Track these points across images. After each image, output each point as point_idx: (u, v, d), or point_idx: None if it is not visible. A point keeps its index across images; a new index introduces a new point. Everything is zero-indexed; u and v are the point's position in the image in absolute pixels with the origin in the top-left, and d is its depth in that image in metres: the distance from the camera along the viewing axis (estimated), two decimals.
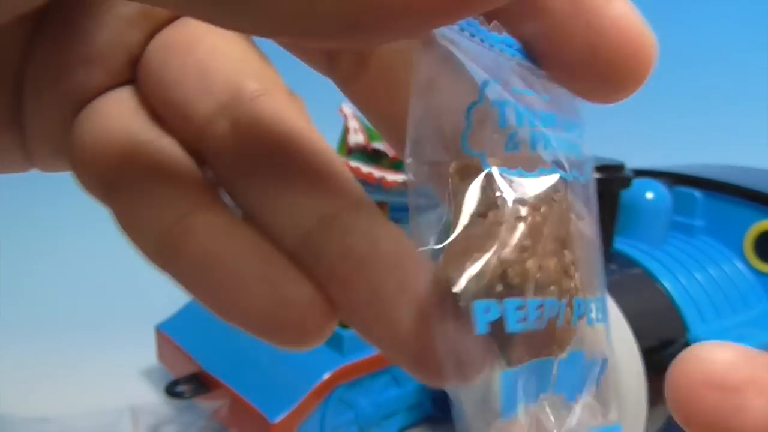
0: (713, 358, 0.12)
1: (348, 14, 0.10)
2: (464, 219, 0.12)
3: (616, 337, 0.27)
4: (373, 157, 0.41)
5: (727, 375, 0.12)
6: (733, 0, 0.98)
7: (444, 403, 0.40)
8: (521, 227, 0.12)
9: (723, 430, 0.12)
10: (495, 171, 0.12)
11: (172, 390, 0.37)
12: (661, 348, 0.29)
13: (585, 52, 0.12)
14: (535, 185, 0.13)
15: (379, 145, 0.41)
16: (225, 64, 0.14)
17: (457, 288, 0.11)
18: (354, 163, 0.38)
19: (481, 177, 0.12)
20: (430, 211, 0.12)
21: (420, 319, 0.12)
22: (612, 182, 0.30)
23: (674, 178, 0.38)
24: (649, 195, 0.34)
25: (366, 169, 0.37)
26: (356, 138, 0.44)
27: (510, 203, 0.12)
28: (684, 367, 0.12)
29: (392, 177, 0.37)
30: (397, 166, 0.40)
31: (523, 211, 0.12)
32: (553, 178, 0.13)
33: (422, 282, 0.12)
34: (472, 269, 0.11)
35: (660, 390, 0.31)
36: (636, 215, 0.34)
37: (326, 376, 0.33)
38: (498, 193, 0.12)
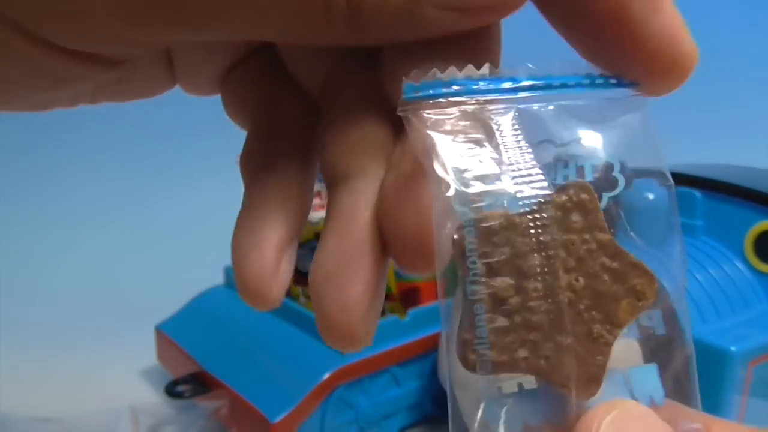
0: None
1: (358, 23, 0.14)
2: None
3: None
4: None
5: None
6: (734, 0, 0.97)
7: (444, 403, 0.40)
8: None
9: None
10: None
11: (172, 390, 0.37)
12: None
13: (628, 59, 0.16)
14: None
15: None
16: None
17: None
18: None
19: None
20: None
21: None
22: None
23: (674, 178, 0.38)
24: (650, 195, 0.34)
25: None
26: None
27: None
28: None
29: None
30: None
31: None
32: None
33: None
34: None
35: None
36: (636, 215, 0.34)
37: (326, 376, 0.33)
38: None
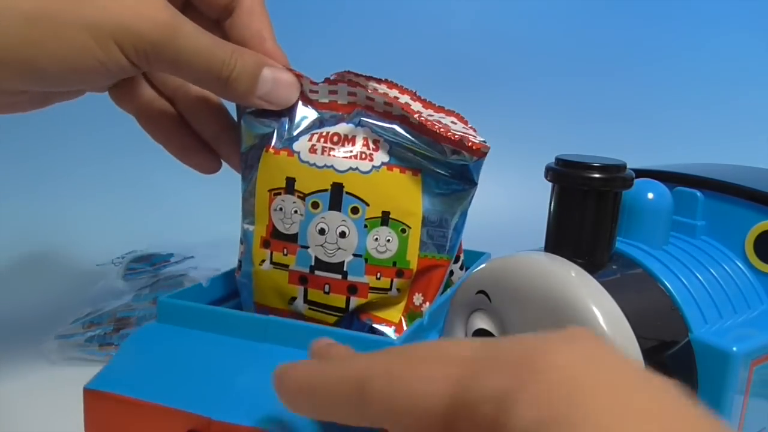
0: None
1: None
2: None
3: (616, 338, 0.27)
4: None
5: None
6: (734, 0, 0.97)
7: None
8: None
9: None
10: None
11: None
12: (662, 349, 0.29)
13: None
14: None
15: None
16: None
17: None
18: None
19: None
20: None
21: None
22: (613, 182, 0.30)
23: (675, 178, 0.38)
24: (650, 195, 0.34)
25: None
26: None
27: None
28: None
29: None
30: None
31: None
32: None
33: None
34: None
35: None
36: (637, 215, 0.34)
37: None
38: None
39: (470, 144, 0.33)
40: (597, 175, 0.29)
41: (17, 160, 0.79)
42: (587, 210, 0.30)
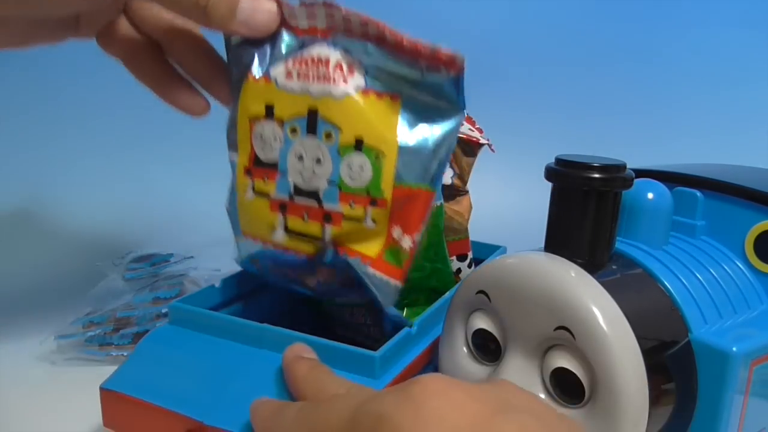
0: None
1: None
2: None
3: (617, 338, 0.27)
4: None
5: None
6: (734, 0, 0.97)
7: None
8: None
9: None
10: None
11: None
12: (662, 349, 0.29)
13: None
14: None
15: None
16: None
17: None
18: None
19: None
20: None
21: None
22: (613, 182, 0.29)
23: (675, 178, 0.38)
24: (650, 195, 0.34)
25: None
26: None
27: None
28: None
29: None
30: None
31: None
32: None
33: None
34: None
35: (661, 390, 0.30)
36: (637, 215, 0.34)
37: None
38: None
39: (441, 54, 0.31)
40: (597, 175, 0.29)
41: (17, 159, 0.79)
42: (587, 210, 0.30)
